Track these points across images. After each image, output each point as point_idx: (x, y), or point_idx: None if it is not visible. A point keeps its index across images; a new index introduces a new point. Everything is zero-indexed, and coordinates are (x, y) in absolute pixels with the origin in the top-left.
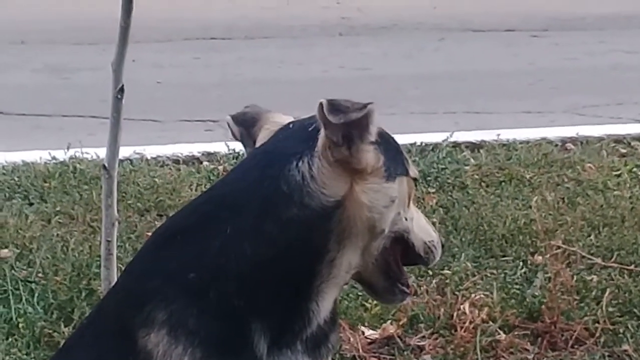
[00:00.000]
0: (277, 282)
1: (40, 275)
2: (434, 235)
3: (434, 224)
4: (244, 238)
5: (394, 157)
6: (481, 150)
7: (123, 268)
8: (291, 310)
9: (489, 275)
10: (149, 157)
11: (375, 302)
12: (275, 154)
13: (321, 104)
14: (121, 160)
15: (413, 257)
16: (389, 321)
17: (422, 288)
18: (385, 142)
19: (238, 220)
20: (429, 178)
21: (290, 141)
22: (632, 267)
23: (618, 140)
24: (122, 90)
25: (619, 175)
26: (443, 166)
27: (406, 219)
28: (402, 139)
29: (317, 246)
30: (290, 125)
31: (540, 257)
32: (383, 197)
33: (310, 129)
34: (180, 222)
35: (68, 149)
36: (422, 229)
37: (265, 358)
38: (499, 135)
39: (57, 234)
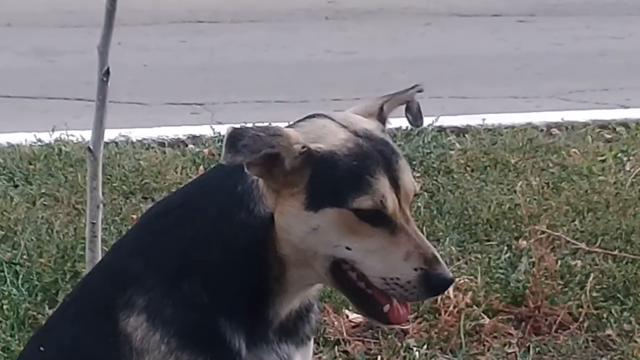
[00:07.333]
0: (235, 288)
1: (24, 257)
2: (402, 273)
3: (417, 208)
4: (207, 235)
5: (329, 186)
6: (466, 135)
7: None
8: (252, 313)
9: (473, 259)
10: (134, 140)
11: None
12: None
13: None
14: (106, 143)
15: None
16: None
17: None
18: (324, 169)
19: (205, 213)
20: (414, 162)
21: None
22: (616, 252)
23: (603, 125)
24: (107, 72)
25: (603, 161)
26: (428, 150)
27: (349, 249)
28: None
29: (261, 260)
30: None
31: (524, 242)
32: (301, 224)
33: None
34: (165, 206)
35: (53, 131)
36: (384, 264)
37: (245, 354)
38: (484, 120)
39: (42, 216)
